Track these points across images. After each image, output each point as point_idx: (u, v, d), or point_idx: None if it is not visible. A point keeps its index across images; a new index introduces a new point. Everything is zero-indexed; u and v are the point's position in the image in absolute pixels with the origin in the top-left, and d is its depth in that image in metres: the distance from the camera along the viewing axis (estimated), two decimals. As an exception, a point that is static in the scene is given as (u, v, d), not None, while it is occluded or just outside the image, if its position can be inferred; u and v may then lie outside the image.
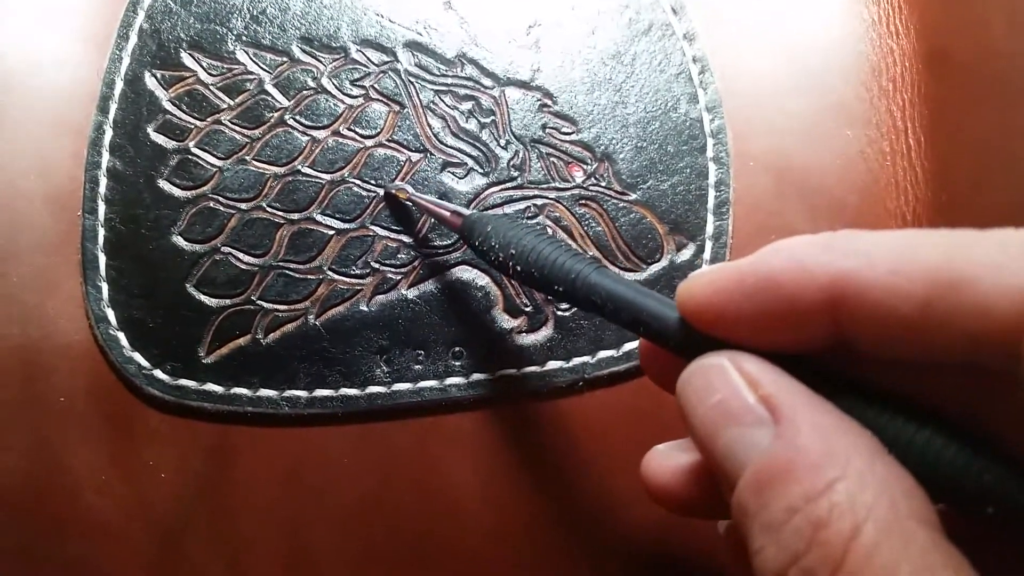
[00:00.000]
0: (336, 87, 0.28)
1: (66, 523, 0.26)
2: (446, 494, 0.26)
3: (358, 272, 0.27)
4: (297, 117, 0.28)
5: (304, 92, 0.28)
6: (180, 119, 0.28)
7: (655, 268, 0.27)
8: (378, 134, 0.28)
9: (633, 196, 0.28)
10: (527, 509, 0.26)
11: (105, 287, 0.27)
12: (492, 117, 0.28)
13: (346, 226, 0.27)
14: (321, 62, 0.28)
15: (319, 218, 0.27)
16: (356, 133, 0.28)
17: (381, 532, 0.26)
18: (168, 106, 0.28)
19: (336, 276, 0.27)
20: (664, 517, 0.26)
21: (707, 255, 0.27)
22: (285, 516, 0.26)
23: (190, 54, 0.28)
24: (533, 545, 0.26)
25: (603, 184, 0.28)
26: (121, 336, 0.27)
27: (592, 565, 0.26)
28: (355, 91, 0.28)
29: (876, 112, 0.28)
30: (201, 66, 0.28)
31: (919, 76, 0.28)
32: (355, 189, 0.27)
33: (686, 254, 0.27)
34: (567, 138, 0.28)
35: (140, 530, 0.26)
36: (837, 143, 0.28)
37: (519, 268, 0.21)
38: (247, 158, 0.27)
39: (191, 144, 0.28)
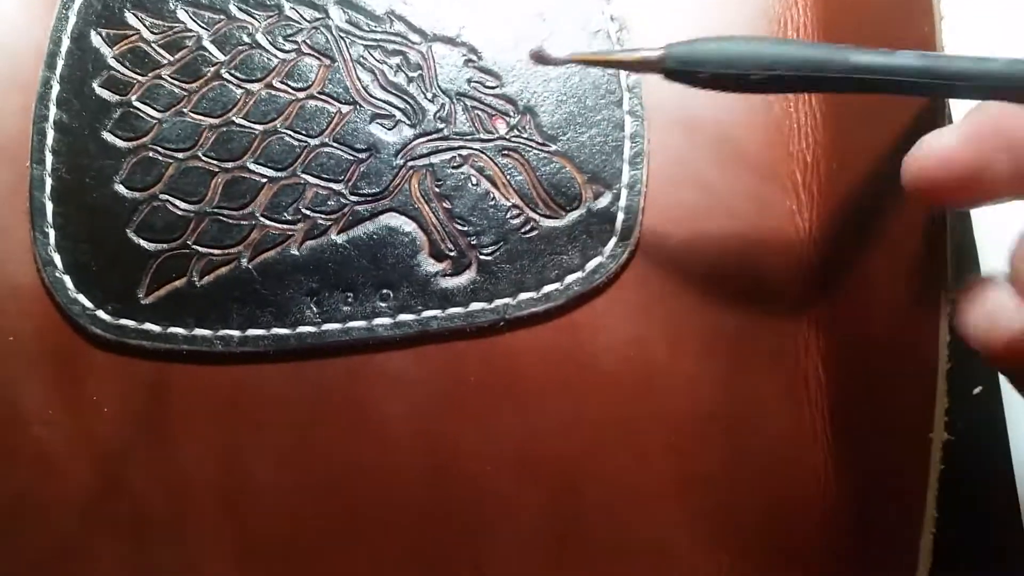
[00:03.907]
0: (270, 43, 0.29)
1: (14, 454, 0.28)
2: (377, 427, 0.28)
3: (289, 218, 0.28)
4: (232, 71, 0.29)
5: (239, 48, 0.29)
6: (123, 75, 0.29)
7: (574, 215, 0.29)
8: (309, 87, 0.29)
9: (553, 147, 0.29)
10: (454, 441, 0.28)
11: (52, 233, 0.28)
12: (419, 71, 0.29)
13: (278, 174, 0.29)
14: (256, 19, 0.29)
15: (252, 167, 0.29)
16: (288, 86, 0.29)
17: (314, 462, 0.28)
18: (112, 62, 0.29)
19: (268, 222, 0.28)
20: (584, 449, 0.28)
21: (622, 203, 0.29)
22: (222, 447, 0.28)
23: (134, 13, 0.30)
24: (462, 476, 0.28)
25: (525, 136, 0.29)
26: (67, 279, 0.28)
27: (517, 497, 0.28)
28: (288, 46, 0.29)
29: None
30: (144, 24, 0.30)
31: (819, 21, 0.29)
32: (287, 139, 0.29)
33: (603, 202, 0.29)
34: (491, 92, 0.29)
35: (84, 461, 0.28)
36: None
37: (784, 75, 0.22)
38: (185, 110, 0.29)
39: (133, 98, 0.29)
